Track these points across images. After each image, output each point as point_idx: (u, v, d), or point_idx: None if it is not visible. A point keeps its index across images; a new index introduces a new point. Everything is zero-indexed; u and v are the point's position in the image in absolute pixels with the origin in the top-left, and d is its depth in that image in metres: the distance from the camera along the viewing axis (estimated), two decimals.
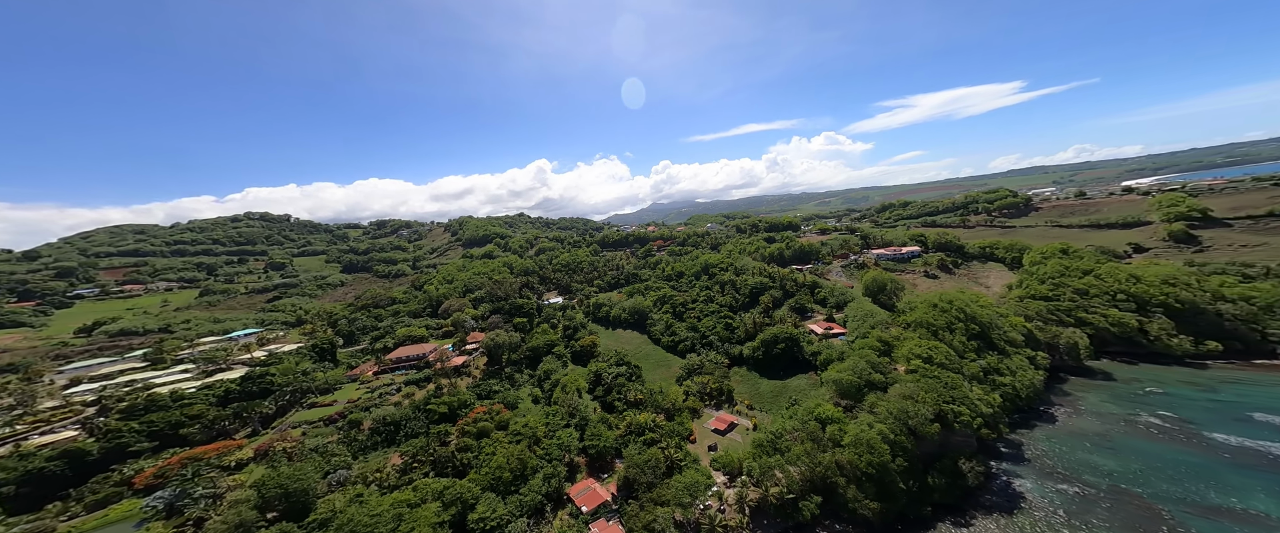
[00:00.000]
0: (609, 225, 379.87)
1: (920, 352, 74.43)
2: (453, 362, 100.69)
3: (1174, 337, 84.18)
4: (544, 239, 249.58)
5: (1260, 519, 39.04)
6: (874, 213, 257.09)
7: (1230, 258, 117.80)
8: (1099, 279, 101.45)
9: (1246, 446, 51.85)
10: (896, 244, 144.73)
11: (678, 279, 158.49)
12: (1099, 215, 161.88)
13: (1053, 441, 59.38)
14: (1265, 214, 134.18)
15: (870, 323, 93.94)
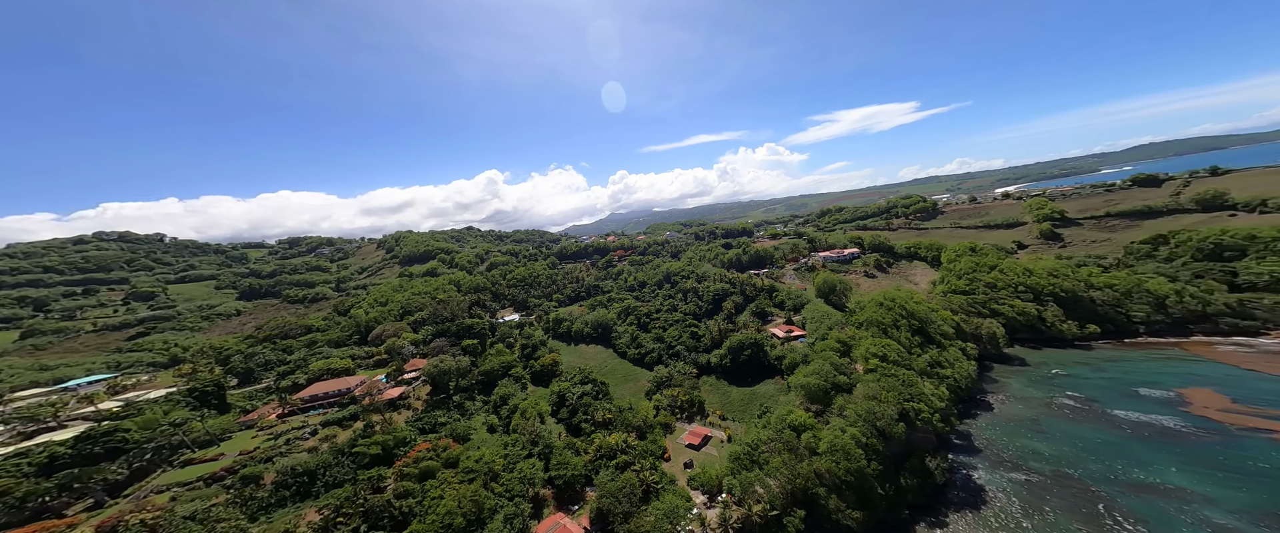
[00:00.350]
0: (567, 237, 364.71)
1: (876, 350, 76.79)
2: (387, 394, 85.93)
3: (1064, 322, 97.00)
4: (497, 253, 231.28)
5: (1179, 492, 43.28)
6: (815, 218, 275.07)
7: (1087, 252, 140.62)
8: (1002, 273, 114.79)
9: (1142, 420, 59.07)
10: (838, 246, 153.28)
11: (640, 289, 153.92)
12: (988, 218, 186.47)
13: (995, 429, 63.29)
14: (1103, 215, 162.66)
15: (827, 324, 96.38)
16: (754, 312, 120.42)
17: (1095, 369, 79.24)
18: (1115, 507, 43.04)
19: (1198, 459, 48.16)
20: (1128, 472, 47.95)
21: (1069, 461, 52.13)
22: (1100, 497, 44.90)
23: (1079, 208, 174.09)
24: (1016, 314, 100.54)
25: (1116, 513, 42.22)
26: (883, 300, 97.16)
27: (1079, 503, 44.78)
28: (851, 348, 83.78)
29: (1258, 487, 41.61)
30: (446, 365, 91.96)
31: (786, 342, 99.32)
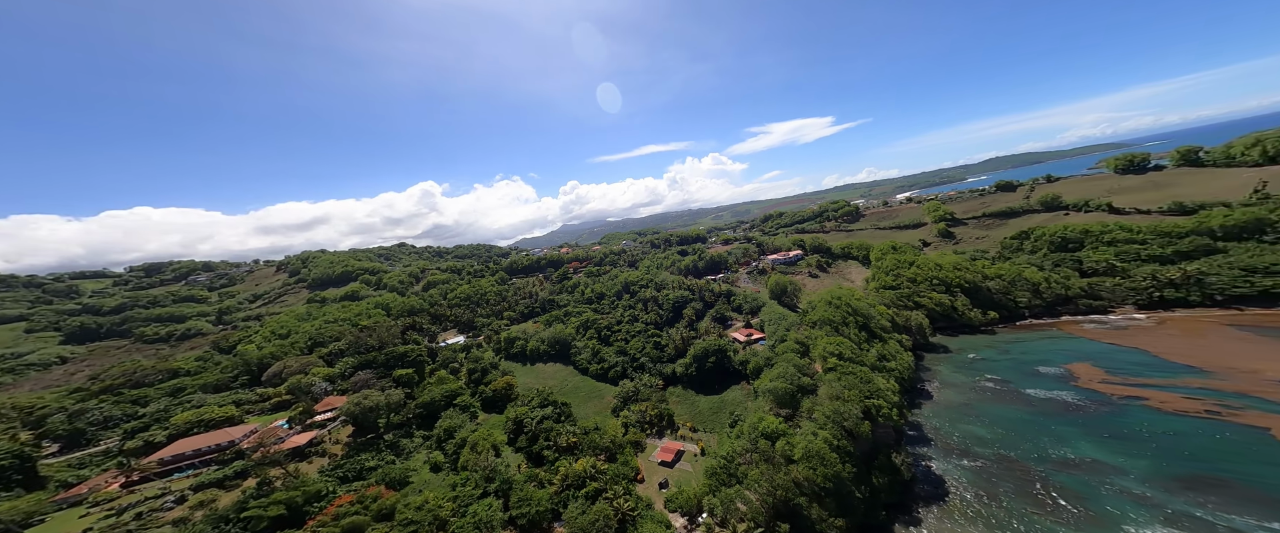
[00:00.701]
0: (517, 250, 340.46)
1: (833, 349, 78.91)
2: (290, 442, 69.66)
3: (971, 311, 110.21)
4: (435, 271, 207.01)
5: (1095, 465, 48.47)
6: (760, 223, 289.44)
7: (974, 247, 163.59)
8: (919, 269, 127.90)
9: (1049, 397, 67.16)
10: (784, 249, 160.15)
11: (599, 301, 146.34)
12: (898, 219, 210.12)
13: (939, 417, 67.62)
14: (981, 215, 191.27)
15: (784, 326, 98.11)
16: (714, 317, 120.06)
17: (1001, 352, 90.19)
18: (1051, 485, 46.61)
19: (1099, 431, 55.09)
20: (1052, 449, 53.08)
21: (1005, 443, 56.66)
22: (1037, 476, 48.68)
23: (963, 210, 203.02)
24: (935, 306, 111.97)
25: (1053, 491, 45.73)
26: (831, 299, 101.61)
27: (1023, 485, 47.95)
28: (810, 348, 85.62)
29: (1153, 454, 48.18)
30: (373, 401, 77.12)
31: (748, 346, 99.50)
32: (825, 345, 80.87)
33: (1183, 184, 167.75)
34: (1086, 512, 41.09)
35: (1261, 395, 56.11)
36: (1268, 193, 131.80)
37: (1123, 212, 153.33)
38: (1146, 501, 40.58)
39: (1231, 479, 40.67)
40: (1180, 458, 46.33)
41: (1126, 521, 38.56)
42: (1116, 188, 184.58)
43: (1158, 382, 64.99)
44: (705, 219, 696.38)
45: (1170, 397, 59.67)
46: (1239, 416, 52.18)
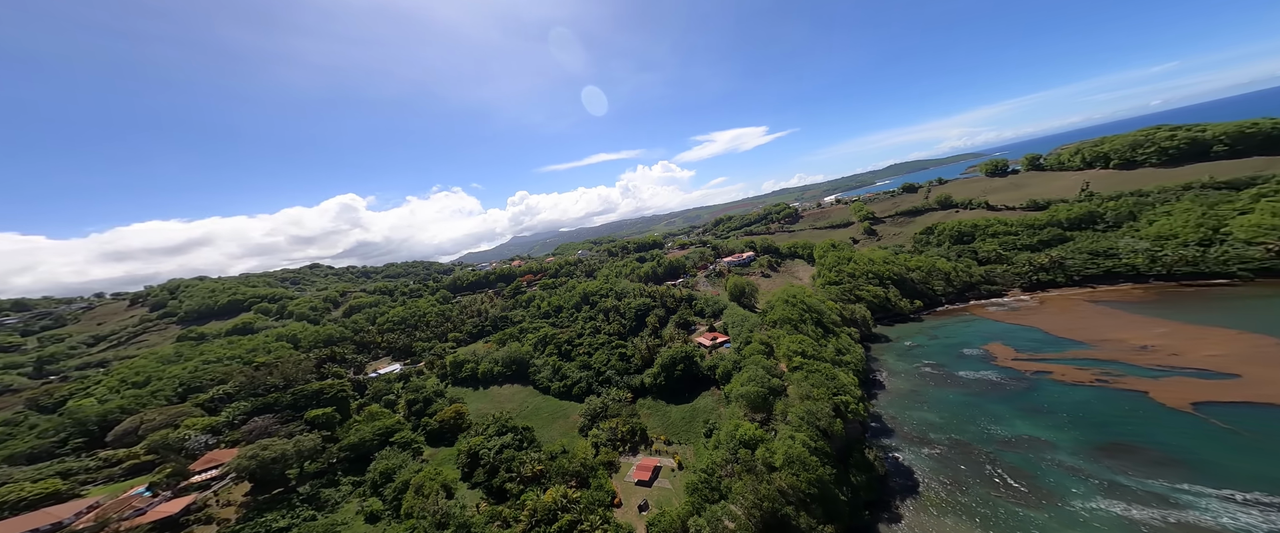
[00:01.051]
0: (462, 266, 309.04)
1: (796, 347, 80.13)
2: (156, 513, 55.41)
3: (902, 300, 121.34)
4: (361, 294, 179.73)
5: (1031, 442, 53.44)
6: (712, 227, 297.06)
7: (894, 243, 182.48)
8: (856, 264, 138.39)
9: (977, 377, 74.48)
10: (738, 251, 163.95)
11: (557, 314, 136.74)
12: (831, 220, 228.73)
13: (893, 406, 71.43)
14: (895, 214, 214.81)
15: (747, 327, 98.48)
16: (678, 323, 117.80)
17: (930, 337, 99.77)
18: (1000, 464, 50.18)
19: (1022, 407, 61.60)
20: (992, 428, 57.91)
21: (953, 427, 60.89)
22: (987, 457, 52.36)
23: (880, 210, 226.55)
24: (872, 298, 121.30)
25: (1002, 471, 49.22)
26: (787, 298, 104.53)
27: (977, 467, 51.10)
28: (774, 348, 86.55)
29: (1069, 425, 54.50)
30: (276, 450, 62.93)
31: (714, 349, 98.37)
32: (788, 344, 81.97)
33: (1033, 185, 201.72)
34: (1036, 488, 44.44)
35: (1130, 362, 67.26)
36: (1091, 191, 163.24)
37: (996, 208, 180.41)
38: (1080, 472, 45.13)
39: (1136, 443, 47.05)
40: (1091, 426, 52.86)
41: (1070, 495, 42.18)
42: (989, 188, 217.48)
43: (1054, 356, 75.32)
44: (659, 225, 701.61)
45: (1067, 369, 69.18)
46: (1120, 382, 61.73)
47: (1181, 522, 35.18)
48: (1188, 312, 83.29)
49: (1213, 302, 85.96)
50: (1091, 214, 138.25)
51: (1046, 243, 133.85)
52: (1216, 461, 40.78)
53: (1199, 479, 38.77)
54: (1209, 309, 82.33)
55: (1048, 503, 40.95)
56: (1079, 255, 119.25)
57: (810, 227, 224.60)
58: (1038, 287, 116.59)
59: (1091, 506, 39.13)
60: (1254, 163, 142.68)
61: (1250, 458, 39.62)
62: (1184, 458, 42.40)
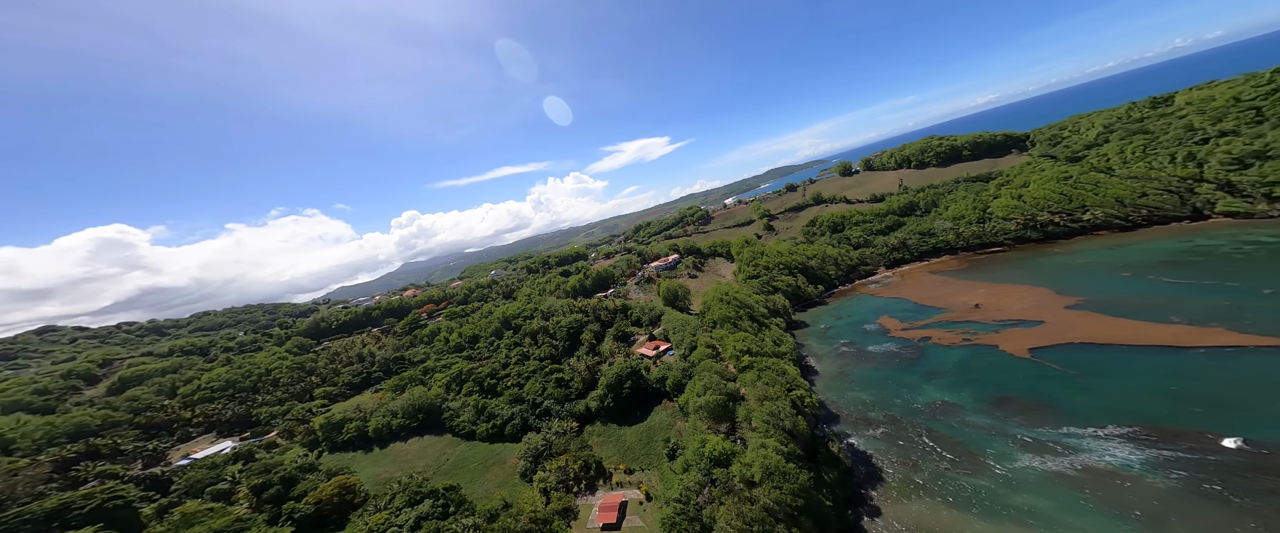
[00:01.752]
0: (330, 304, 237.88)
1: (742, 346, 79.67)
2: None
3: (809, 287, 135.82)
4: (141, 360, 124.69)
5: (946, 407, 60.49)
6: (632, 234, 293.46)
7: (790, 236, 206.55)
8: (768, 256, 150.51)
9: (882, 350, 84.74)
10: (663, 255, 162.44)
11: (473, 345, 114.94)
12: (737, 219, 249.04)
13: (832, 390, 76.03)
14: (785, 210, 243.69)
15: (689, 331, 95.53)
16: (616, 336, 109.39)
17: (836, 317, 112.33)
18: (933, 434, 55.47)
19: (924, 373, 71.20)
20: (911, 399, 64.93)
21: (883, 402, 66.76)
22: (920, 429, 57.80)
23: (773, 207, 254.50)
24: (787, 287, 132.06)
25: (934, 441, 54.55)
26: (721, 296, 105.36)
27: (916, 441, 55.71)
28: (720, 349, 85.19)
29: (960, 384, 64.11)
30: None
31: (659, 359, 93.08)
32: (734, 344, 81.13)
33: (870, 182, 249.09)
34: (966, 454, 49.78)
35: (975, 320, 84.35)
36: (906, 186, 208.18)
37: (852, 202, 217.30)
38: (988, 430, 52.38)
39: (1012, 394, 57.22)
40: (975, 383, 63.00)
41: (991, 455, 48.04)
42: (843, 186, 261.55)
43: (924, 322, 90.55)
44: (578, 237, 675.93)
45: (940, 332, 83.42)
46: (977, 338, 76.43)
47: (1086, 466, 42.16)
48: (989, 273, 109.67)
49: (999, 264, 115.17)
50: (911, 204, 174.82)
51: (891, 228, 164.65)
52: (1069, 400, 51.59)
53: (1069, 421, 48.12)
54: (1001, 270, 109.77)
55: (985, 468, 45.50)
56: (914, 236, 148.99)
57: (721, 226, 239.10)
58: (895, 264, 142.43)
59: (1016, 466, 44.76)
60: (985, 164, 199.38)
61: (1088, 395, 51.21)
62: (1050, 402, 52.58)
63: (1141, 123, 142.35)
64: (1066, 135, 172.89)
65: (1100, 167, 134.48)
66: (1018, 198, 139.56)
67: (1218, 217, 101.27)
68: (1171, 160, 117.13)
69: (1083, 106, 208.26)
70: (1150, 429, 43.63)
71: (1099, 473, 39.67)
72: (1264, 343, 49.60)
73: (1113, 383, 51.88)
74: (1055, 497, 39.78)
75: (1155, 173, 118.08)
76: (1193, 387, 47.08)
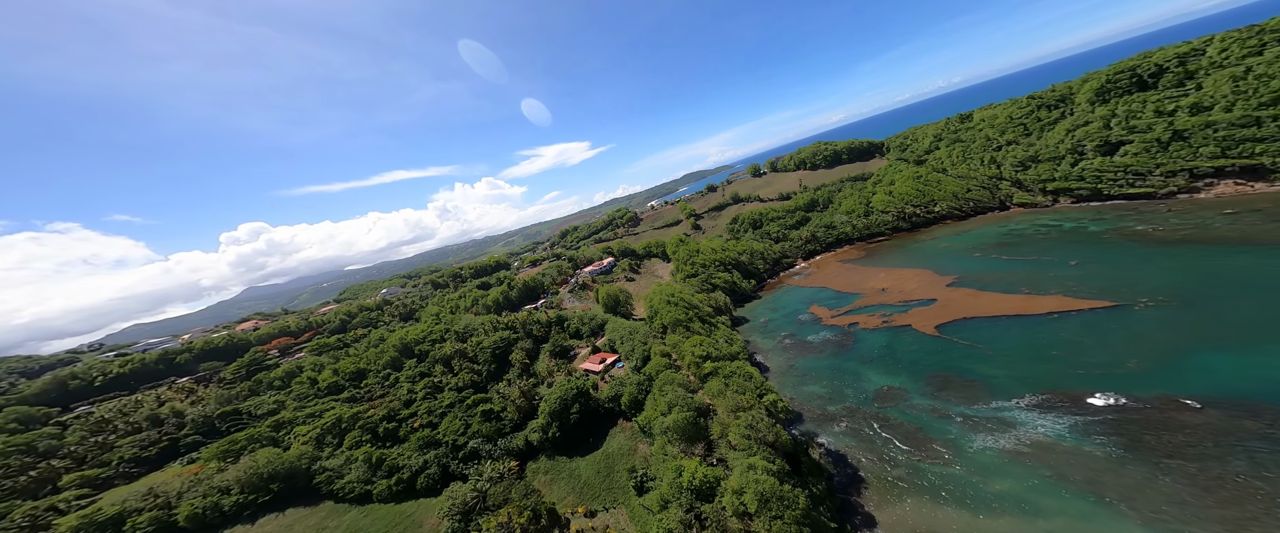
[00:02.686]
0: (97, 351, 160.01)
1: (701, 351, 74.72)
2: None
3: (744, 282, 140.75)
4: None
5: (891, 392, 63.51)
6: (559, 239, 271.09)
7: (716, 233, 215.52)
8: (703, 254, 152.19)
9: (820, 340, 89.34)
10: (597, 260, 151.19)
11: (358, 383, 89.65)
12: (665, 219, 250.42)
13: (786, 386, 76.26)
14: (708, 210, 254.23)
15: (639, 339, 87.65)
16: (553, 352, 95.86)
17: (772, 310, 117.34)
18: (889, 424, 57.66)
19: (864, 358, 76.08)
20: (861, 386, 67.96)
21: (838, 394, 68.67)
22: (876, 417, 59.94)
23: (699, 207, 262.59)
24: (724, 283, 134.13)
25: (893, 432, 56.28)
26: (668, 298, 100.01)
27: (878, 433, 56.99)
28: (676, 356, 79.49)
29: (899, 367, 68.82)
30: None
31: (607, 374, 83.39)
32: (692, 349, 75.87)
33: (777, 183, 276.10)
34: (928, 442, 52.18)
35: (884, 302, 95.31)
36: (805, 186, 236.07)
37: (765, 200, 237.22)
38: (937, 412, 56.32)
39: (941, 373, 63.13)
40: (908, 365, 68.73)
41: (949, 440, 50.95)
42: (755, 186, 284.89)
43: (847, 308, 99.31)
44: (495, 247, 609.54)
45: (863, 317, 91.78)
46: (893, 320, 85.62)
47: (1031, 442, 46.59)
48: (882, 260, 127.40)
49: (886, 251, 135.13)
50: (813, 200, 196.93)
51: (800, 223, 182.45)
52: (984, 373, 58.83)
53: (995, 396, 54.29)
54: (889, 256, 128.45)
55: (950, 455, 47.62)
56: (821, 229, 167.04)
57: (650, 227, 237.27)
58: (810, 255, 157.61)
59: (974, 449, 47.83)
60: (859, 166, 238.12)
61: (996, 366, 59.15)
62: (971, 377, 59.19)
63: (956, 133, 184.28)
64: (910, 143, 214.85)
65: (938, 168, 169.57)
66: (889, 194, 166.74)
67: (1015, 208, 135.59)
68: (981, 163, 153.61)
69: (911, 122, 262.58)
70: (1054, 395, 51.14)
71: (1043, 448, 44.60)
72: (1089, 306, 64.66)
73: (1007, 352, 61.15)
74: (1020, 477, 42.97)
75: (973, 173, 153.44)
76: (1060, 349, 57.32)
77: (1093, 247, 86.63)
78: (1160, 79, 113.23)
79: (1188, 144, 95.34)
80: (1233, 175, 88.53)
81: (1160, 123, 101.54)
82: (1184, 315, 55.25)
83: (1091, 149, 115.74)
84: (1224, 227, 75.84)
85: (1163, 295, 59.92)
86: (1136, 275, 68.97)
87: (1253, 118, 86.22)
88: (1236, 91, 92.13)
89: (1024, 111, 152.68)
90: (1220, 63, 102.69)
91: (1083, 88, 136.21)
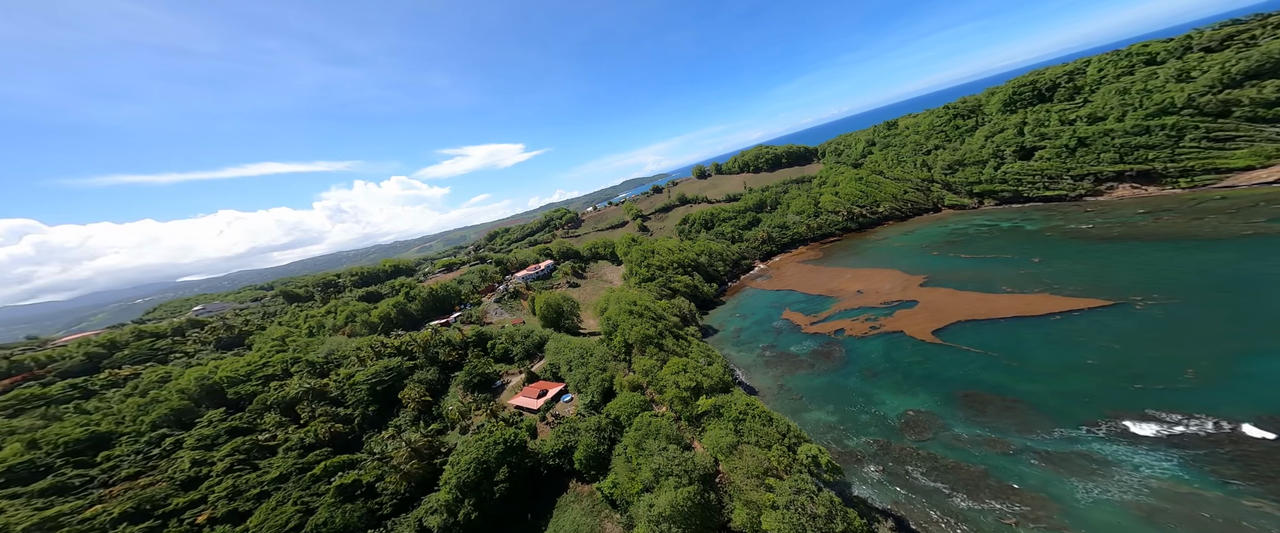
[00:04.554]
0: None
1: (688, 380, 55.80)
2: None
3: (706, 285, 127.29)
4: None
5: (914, 420, 50.32)
6: (487, 242, 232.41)
7: (665, 234, 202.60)
8: (659, 255, 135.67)
9: (807, 352, 77.45)
10: (533, 262, 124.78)
11: (93, 453, 50.97)
12: (610, 220, 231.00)
13: (785, 413, 61.84)
14: (655, 211, 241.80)
15: (594, 363, 66.10)
16: (470, 383, 69.71)
17: (741, 317, 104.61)
18: (938, 466, 45.38)
19: (864, 373, 64.87)
20: (876, 412, 55.69)
21: (852, 423, 55.51)
22: (911, 455, 47.54)
23: (645, 208, 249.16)
24: (686, 288, 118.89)
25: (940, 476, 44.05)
26: (629, 307, 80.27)
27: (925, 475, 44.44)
28: (649, 386, 59.95)
29: (913, 383, 57.98)
30: None
31: (549, 411, 60.84)
32: (675, 379, 56.80)
33: (722, 184, 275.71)
34: (1004, 490, 40.03)
35: (864, 305, 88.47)
36: (750, 188, 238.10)
37: (712, 201, 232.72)
38: (992, 445, 44.14)
39: (966, 389, 52.55)
40: (917, 379, 58.01)
41: (1037, 485, 38.81)
42: (701, 187, 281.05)
43: (826, 313, 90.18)
44: (408, 253, 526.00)
45: (846, 323, 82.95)
46: (882, 325, 77.90)
47: (1147, 487, 36.54)
48: (842, 260, 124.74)
49: (842, 251, 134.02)
50: (761, 202, 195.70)
51: (752, 223, 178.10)
52: (1027, 391, 49.71)
53: (1055, 422, 44.46)
54: (847, 256, 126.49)
55: (1056, 513, 35.97)
56: (775, 230, 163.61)
57: (593, 229, 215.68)
58: (767, 256, 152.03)
59: (1080, 498, 36.78)
60: (798, 170, 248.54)
61: (1029, 380, 50.30)
62: (1015, 397, 49.30)
63: (887, 139, 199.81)
64: (845, 148, 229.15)
65: (876, 170, 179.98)
66: (835, 194, 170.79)
67: (946, 209, 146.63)
68: (914, 166, 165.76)
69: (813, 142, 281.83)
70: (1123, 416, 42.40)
71: (1173, 497, 34.57)
72: (1086, 304, 62.28)
73: (1031, 360, 54.22)
74: None
75: (908, 175, 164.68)
76: (1093, 356, 49.80)
77: (1041, 245, 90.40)
78: (1055, 93, 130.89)
79: (1091, 150, 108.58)
80: (1130, 179, 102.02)
81: (1066, 131, 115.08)
82: (1199, 315, 52.27)
83: (1010, 154, 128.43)
84: (1151, 225, 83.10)
85: (1157, 293, 59.15)
86: (1108, 272, 69.42)
87: (1144, 127, 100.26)
88: (1125, 103, 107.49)
89: (943, 120, 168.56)
90: (1099, 80, 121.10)
91: (991, 100, 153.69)
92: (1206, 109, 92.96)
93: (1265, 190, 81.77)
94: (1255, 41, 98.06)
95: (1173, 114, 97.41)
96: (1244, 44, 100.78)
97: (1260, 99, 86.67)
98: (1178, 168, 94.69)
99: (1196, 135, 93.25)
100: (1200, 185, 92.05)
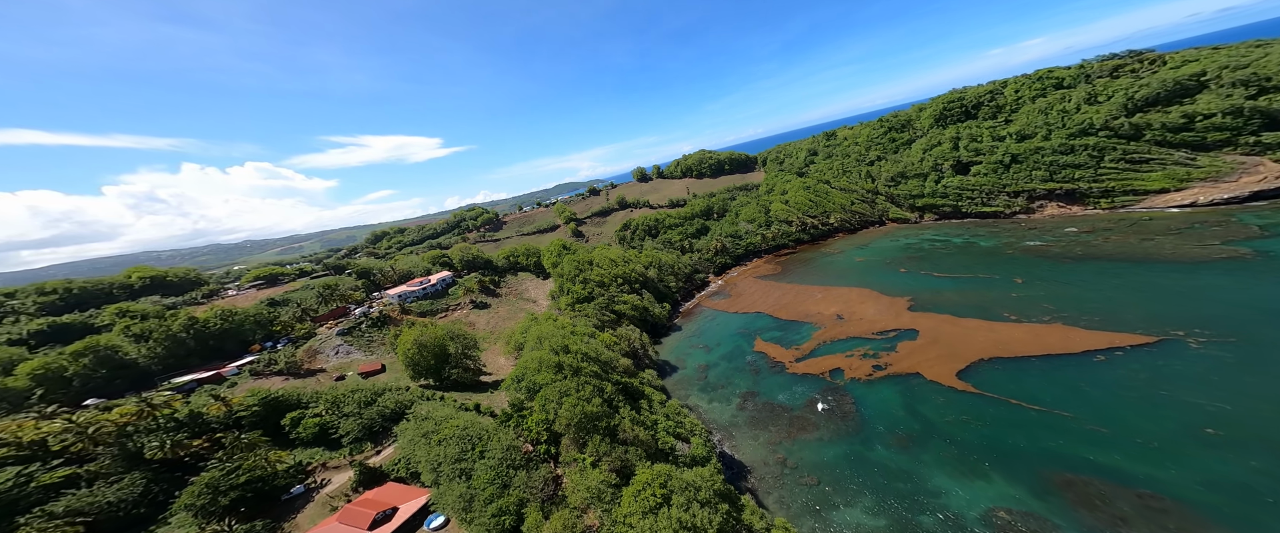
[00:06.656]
0: None
1: (649, 499, 31.82)
2: None
3: (656, 307, 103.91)
4: None
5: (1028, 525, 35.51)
6: (367, 245, 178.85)
7: (603, 240, 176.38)
8: (600, 267, 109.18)
9: (802, 403, 57.95)
10: (419, 274, 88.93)
11: None
12: (538, 224, 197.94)
13: (799, 521, 40.78)
14: (591, 215, 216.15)
15: (489, 467, 38.04)
16: (209, 504, 33.98)
17: (704, 349, 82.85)
18: None
19: (891, 443, 47.10)
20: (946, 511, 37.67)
21: (895, 519, 36.81)
22: None
23: (581, 211, 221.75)
24: (632, 310, 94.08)
25: None
26: (559, 349, 53.40)
27: None
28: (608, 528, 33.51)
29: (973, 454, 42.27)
30: None
31: None
32: (646, 518, 32.06)
33: (665, 189, 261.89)
34: None
35: (852, 334, 73.72)
36: (694, 193, 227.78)
37: (655, 206, 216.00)
38: None
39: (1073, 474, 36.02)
40: (983, 451, 41.65)
41: None
42: (642, 191, 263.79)
43: (810, 345, 73.18)
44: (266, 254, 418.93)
45: (840, 360, 66.24)
46: (889, 364, 62.48)
47: None
48: (803, 276, 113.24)
49: (800, 265, 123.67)
50: (709, 208, 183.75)
51: (701, 231, 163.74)
52: (1148, 475, 34.66)
53: (1212, 524, 30.32)
54: (807, 271, 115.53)
55: None
56: (728, 239, 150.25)
57: (517, 233, 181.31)
58: (721, 269, 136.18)
59: None
60: (740, 177, 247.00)
61: (1136, 455, 36.12)
62: (1139, 489, 33.53)
63: (829, 149, 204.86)
64: (786, 157, 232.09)
65: (824, 179, 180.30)
66: (785, 203, 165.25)
67: (890, 223, 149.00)
68: (859, 176, 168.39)
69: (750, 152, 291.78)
70: None
71: None
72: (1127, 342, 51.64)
73: (1119, 422, 40.68)
74: None
75: (854, 185, 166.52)
76: (1197, 418, 38.70)
77: (1010, 264, 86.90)
78: (979, 110, 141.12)
79: (1024, 167, 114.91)
80: (1059, 198, 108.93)
81: (1000, 147, 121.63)
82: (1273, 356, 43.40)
83: (948, 168, 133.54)
84: (1107, 245, 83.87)
85: (1199, 328, 51.45)
86: (1115, 300, 60.25)
87: (1069, 146, 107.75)
88: (1048, 122, 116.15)
89: (879, 132, 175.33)
90: (1016, 101, 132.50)
91: (921, 115, 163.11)
92: (1120, 132, 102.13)
93: (1185, 213, 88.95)
94: (1137, 75, 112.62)
95: (1092, 135, 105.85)
96: (1130, 73, 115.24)
97: (1169, 123, 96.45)
98: (1100, 188, 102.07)
99: (1114, 156, 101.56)
100: (1120, 206, 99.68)
